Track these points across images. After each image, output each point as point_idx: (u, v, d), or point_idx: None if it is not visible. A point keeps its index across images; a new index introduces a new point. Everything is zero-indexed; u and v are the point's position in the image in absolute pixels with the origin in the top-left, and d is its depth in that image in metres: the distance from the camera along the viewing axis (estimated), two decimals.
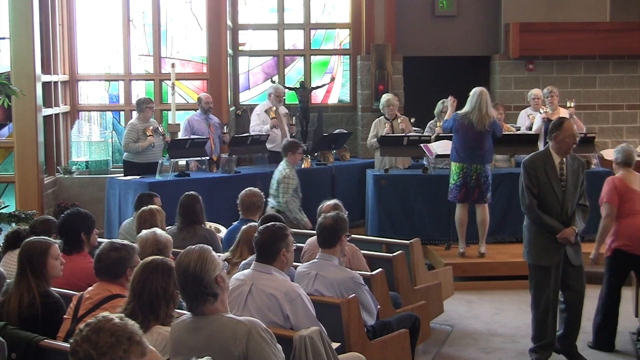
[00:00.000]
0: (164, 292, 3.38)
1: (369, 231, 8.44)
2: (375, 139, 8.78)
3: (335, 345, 3.96)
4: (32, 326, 3.75)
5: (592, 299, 5.69)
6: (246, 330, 3.04)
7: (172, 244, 4.65)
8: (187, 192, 6.02)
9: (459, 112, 7.62)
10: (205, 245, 3.27)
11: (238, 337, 3.03)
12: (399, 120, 9.04)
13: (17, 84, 7.50)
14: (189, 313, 3.21)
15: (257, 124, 9.17)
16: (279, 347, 3.17)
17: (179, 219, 5.90)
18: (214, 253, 3.22)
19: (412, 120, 9.23)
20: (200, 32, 10.53)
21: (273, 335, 3.13)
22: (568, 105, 8.77)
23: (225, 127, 9.12)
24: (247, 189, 6.03)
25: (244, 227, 5.14)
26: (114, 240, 4.21)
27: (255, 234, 4.14)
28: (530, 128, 9.11)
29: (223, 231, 6.44)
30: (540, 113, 8.76)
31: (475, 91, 7.56)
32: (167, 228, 5.86)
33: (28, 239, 4.17)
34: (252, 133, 9.10)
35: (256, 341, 3.03)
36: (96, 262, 3.98)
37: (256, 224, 5.12)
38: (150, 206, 5.69)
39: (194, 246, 3.25)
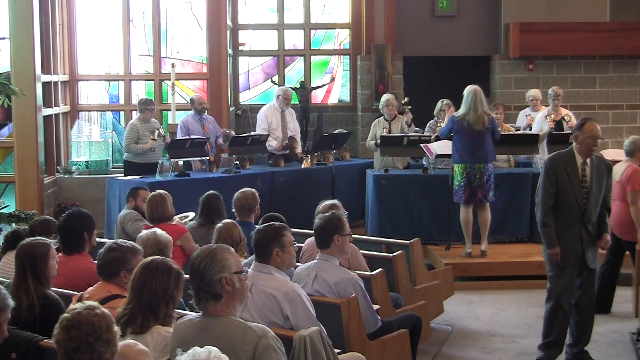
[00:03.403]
0: (163, 292, 3.39)
1: (369, 231, 8.43)
2: (373, 142, 8.78)
3: (335, 351, 3.95)
4: (30, 330, 3.73)
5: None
6: (256, 337, 3.02)
7: (172, 244, 4.65)
8: (209, 192, 6.17)
9: (456, 113, 7.61)
10: (225, 246, 3.26)
11: (247, 343, 3.01)
12: (403, 118, 9.02)
13: (17, 84, 7.49)
14: (197, 313, 3.22)
15: (264, 127, 9.15)
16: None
17: (201, 217, 6.06)
18: (229, 255, 3.17)
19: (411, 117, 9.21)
20: (200, 32, 10.53)
21: (282, 345, 3.12)
22: (567, 119, 8.73)
23: (228, 136, 9.03)
24: (240, 190, 6.04)
25: (218, 225, 5.15)
26: (118, 241, 4.23)
27: (252, 234, 4.17)
28: (530, 128, 9.09)
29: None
30: (546, 120, 8.69)
31: (468, 92, 7.50)
32: (188, 223, 6.09)
33: (25, 241, 4.15)
34: (252, 134, 9.12)
35: (265, 350, 3.01)
36: (97, 260, 4.04)
37: (231, 220, 5.23)
38: (159, 191, 5.89)
39: (215, 244, 3.28)
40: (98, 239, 5.08)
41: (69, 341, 2.67)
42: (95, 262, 4.11)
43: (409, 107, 8.94)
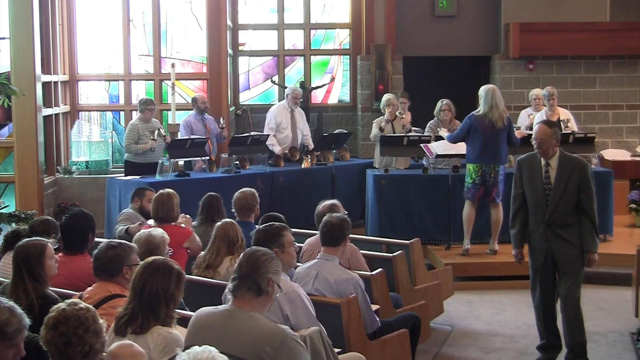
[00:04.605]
0: (164, 293, 3.39)
1: (369, 231, 8.43)
2: (378, 130, 8.75)
3: (335, 351, 3.95)
4: (30, 330, 3.73)
5: (592, 299, 5.67)
6: (282, 338, 3.13)
7: (164, 243, 4.61)
8: (209, 193, 6.16)
9: (475, 112, 7.57)
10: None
11: (270, 343, 3.10)
12: (400, 121, 9.02)
13: (17, 84, 7.49)
14: (226, 304, 3.33)
15: (272, 127, 9.16)
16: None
17: (201, 215, 6.06)
18: (281, 266, 3.44)
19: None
20: (200, 32, 10.53)
21: (304, 347, 3.23)
22: (565, 125, 8.72)
23: (221, 120, 9.02)
24: (239, 190, 6.03)
25: (218, 223, 5.15)
26: (112, 239, 4.23)
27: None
28: (530, 128, 9.11)
29: None
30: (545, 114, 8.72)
31: (487, 90, 7.53)
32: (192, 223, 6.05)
33: (21, 242, 4.15)
34: (252, 133, 9.13)
35: (291, 348, 3.13)
36: (94, 261, 4.03)
37: (230, 220, 5.20)
38: (167, 190, 5.80)
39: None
40: (97, 239, 5.07)
41: (59, 337, 2.71)
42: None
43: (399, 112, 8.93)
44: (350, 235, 4.87)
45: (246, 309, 3.23)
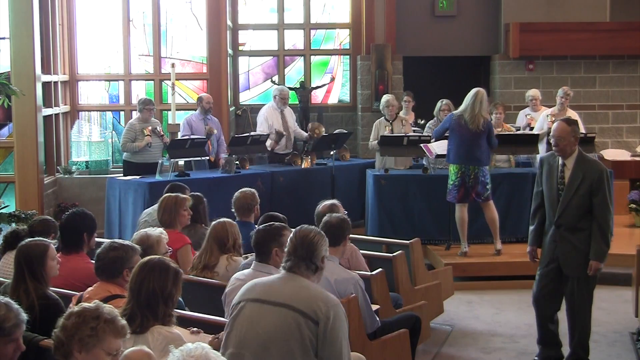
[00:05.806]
0: (161, 291, 3.39)
1: (369, 231, 8.43)
2: (376, 142, 8.77)
3: None
4: (30, 330, 3.73)
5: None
6: (336, 303, 3.34)
7: (160, 242, 4.57)
8: (191, 193, 6.09)
9: (454, 112, 7.63)
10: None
11: (325, 306, 3.29)
12: (402, 122, 9.03)
13: (17, 84, 7.49)
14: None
15: (264, 128, 9.14)
16: None
17: None
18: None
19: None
20: (200, 32, 10.53)
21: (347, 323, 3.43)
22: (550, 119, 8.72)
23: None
24: (239, 190, 6.00)
25: (212, 223, 5.13)
26: (115, 240, 4.22)
27: (252, 234, 4.17)
28: (529, 128, 9.11)
29: None
30: (547, 118, 8.71)
31: (471, 91, 7.57)
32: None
33: (23, 242, 4.15)
34: (252, 134, 9.12)
35: (339, 317, 3.32)
36: (96, 261, 4.03)
37: (224, 220, 5.16)
38: (177, 194, 5.72)
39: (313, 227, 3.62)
40: (97, 239, 5.05)
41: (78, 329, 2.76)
42: (93, 262, 4.10)
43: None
44: (350, 235, 4.86)
45: (305, 278, 3.43)
